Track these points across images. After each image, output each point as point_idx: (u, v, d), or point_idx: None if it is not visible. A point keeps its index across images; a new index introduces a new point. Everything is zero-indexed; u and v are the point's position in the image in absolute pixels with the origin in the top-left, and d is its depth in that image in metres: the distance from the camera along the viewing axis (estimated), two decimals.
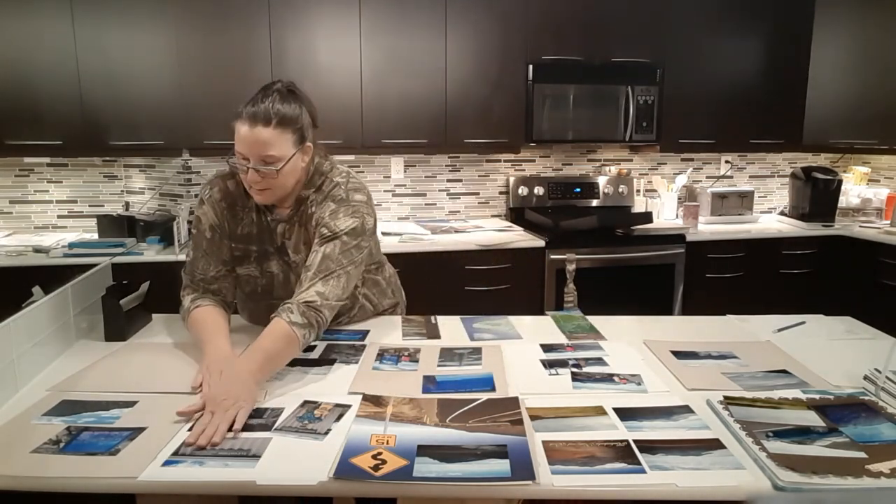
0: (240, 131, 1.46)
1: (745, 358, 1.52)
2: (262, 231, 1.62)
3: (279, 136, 1.47)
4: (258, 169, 1.46)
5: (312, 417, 1.20)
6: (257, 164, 1.46)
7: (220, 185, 1.63)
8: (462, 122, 3.36)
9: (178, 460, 1.05)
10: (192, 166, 3.31)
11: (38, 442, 1.10)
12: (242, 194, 1.60)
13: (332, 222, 1.55)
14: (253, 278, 1.64)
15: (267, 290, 1.65)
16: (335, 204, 1.58)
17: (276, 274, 1.64)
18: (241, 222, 1.62)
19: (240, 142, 1.47)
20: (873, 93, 3.65)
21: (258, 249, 1.63)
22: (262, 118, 1.45)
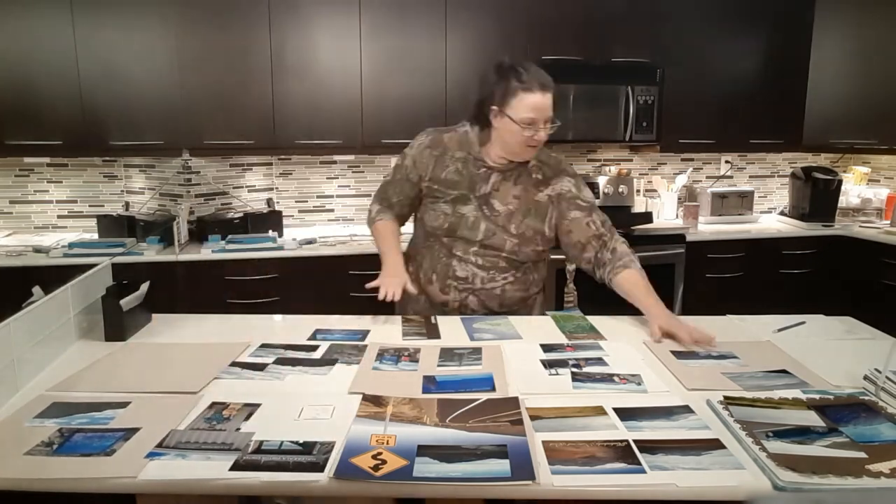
0: (532, 99, 1.71)
1: (745, 358, 1.52)
2: (466, 179, 1.85)
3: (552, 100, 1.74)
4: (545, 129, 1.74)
5: (220, 418, 1.20)
6: (543, 125, 1.73)
7: (434, 136, 1.93)
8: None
9: (162, 452, 1.06)
10: (192, 166, 3.32)
11: (31, 444, 1.09)
12: (455, 147, 1.88)
13: (581, 194, 1.88)
14: (444, 215, 1.87)
15: (453, 227, 1.86)
16: (572, 178, 1.90)
17: (467, 216, 1.85)
18: (447, 168, 1.87)
19: (534, 109, 1.71)
20: (873, 93, 3.65)
21: (457, 194, 1.86)
22: (549, 85, 1.73)
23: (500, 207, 1.84)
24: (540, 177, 1.87)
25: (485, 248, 1.84)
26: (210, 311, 1.90)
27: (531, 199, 1.85)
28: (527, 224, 1.84)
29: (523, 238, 1.84)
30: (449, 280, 1.87)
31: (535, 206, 1.85)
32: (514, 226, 1.84)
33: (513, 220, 1.84)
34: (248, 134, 3.16)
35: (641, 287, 1.77)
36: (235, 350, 1.56)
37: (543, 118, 1.72)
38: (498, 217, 1.84)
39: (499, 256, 1.84)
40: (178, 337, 1.68)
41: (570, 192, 1.86)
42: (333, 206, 3.69)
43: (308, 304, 2.83)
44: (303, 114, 3.19)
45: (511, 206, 1.84)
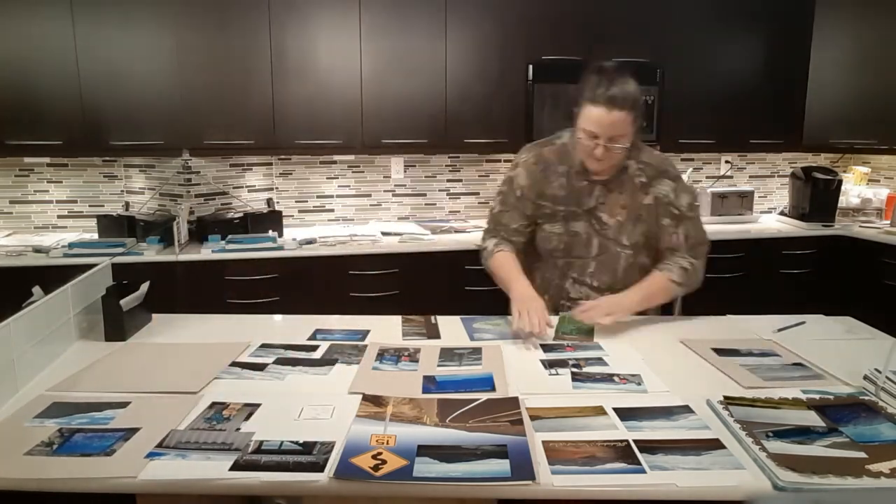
0: (595, 113, 1.63)
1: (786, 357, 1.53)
2: (572, 193, 1.79)
3: (627, 118, 1.64)
4: (607, 146, 1.65)
5: (220, 418, 1.20)
6: (606, 142, 1.65)
7: (535, 151, 1.85)
8: (462, 122, 3.35)
9: (162, 452, 1.07)
10: (192, 166, 3.31)
11: (31, 444, 1.09)
12: (556, 161, 1.81)
13: (677, 200, 1.79)
14: (557, 235, 1.81)
15: (567, 248, 1.82)
16: (672, 181, 1.81)
17: (580, 234, 1.80)
18: (552, 184, 1.81)
19: (594, 123, 1.64)
20: (873, 93, 3.65)
21: (565, 210, 1.80)
22: (620, 102, 1.62)
23: (608, 220, 1.78)
24: (644, 179, 1.79)
25: (602, 265, 1.80)
26: (210, 311, 1.90)
27: (639, 205, 1.79)
28: (639, 231, 1.79)
29: (637, 247, 1.80)
30: (562, 301, 1.85)
31: (644, 210, 1.79)
32: (625, 237, 1.79)
33: (623, 231, 1.79)
34: (248, 134, 3.16)
35: (639, 283, 1.77)
36: (235, 350, 1.56)
37: (606, 135, 1.64)
38: (608, 230, 1.79)
39: (614, 277, 1.80)
40: (178, 337, 1.68)
41: (666, 197, 1.79)
42: (333, 206, 3.69)
43: (308, 304, 2.83)
44: (303, 114, 3.19)
45: (620, 217, 1.78)
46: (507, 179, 1.87)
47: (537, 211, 1.83)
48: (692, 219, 1.81)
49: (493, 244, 1.88)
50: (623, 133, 1.65)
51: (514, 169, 1.86)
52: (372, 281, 3.07)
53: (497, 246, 1.86)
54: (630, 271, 1.81)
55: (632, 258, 1.81)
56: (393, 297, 3.10)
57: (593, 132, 1.65)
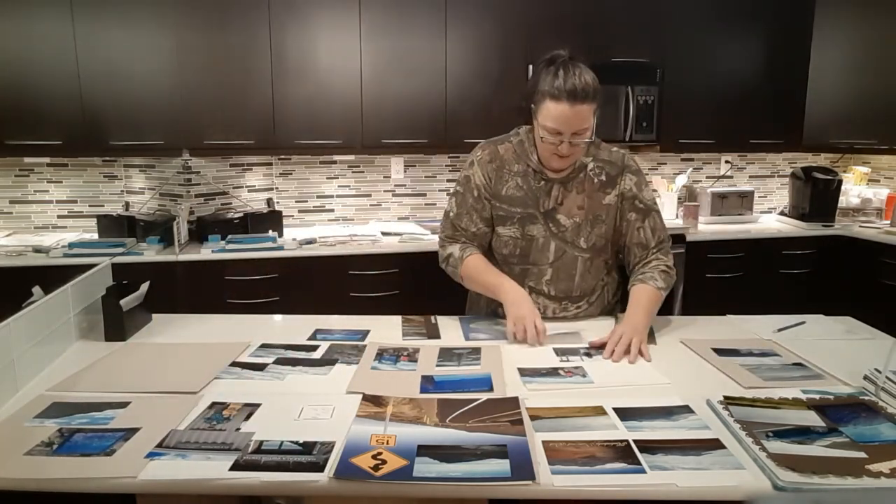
0: (557, 109, 1.54)
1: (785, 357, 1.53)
2: (529, 194, 1.71)
3: (590, 110, 1.58)
4: (571, 142, 1.58)
5: (220, 418, 1.20)
6: (571, 137, 1.57)
7: (490, 149, 1.76)
8: (462, 122, 3.35)
9: (162, 452, 1.07)
10: (192, 166, 3.31)
11: (31, 444, 1.09)
12: (512, 159, 1.73)
13: (641, 194, 1.73)
14: (514, 240, 1.73)
15: (524, 253, 1.73)
16: (634, 175, 1.74)
17: (536, 238, 1.71)
18: (507, 185, 1.72)
19: (557, 119, 1.55)
20: (873, 93, 3.65)
21: (522, 212, 1.71)
22: (581, 95, 1.54)
23: (566, 222, 1.70)
24: (604, 178, 1.72)
25: (557, 272, 1.73)
26: (210, 311, 1.91)
27: (598, 205, 1.71)
28: (596, 234, 1.72)
29: (594, 250, 1.73)
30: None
31: (603, 211, 1.72)
32: (583, 239, 1.71)
33: (581, 233, 1.71)
34: (248, 134, 3.16)
35: (636, 299, 1.67)
36: (235, 350, 1.56)
37: (571, 130, 1.57)
38: (566, 233, 1.70)
39: (571, 284, 1.74)
40: (178, 337, 1.68)
41: (630, 192, 1.73)
42: (333, 206, 3.69)
43: (308, 304, 2.83)
44: (303, 114, 3.19)
45: (577, 219, 1.70)
46: (464, 179, 1.77)
47: (493, 213, 1.74)
48: (657, 212, 1.77)
49: (459, 249, 1.75)
50: (587, 126, 1.58)
51: (469, 168, 1.76)
52: (372, 281, 3.07)
53: (464, 251, 1.75)
54: (586, 277, 1.75)
55: (589, 262, 1.73)
56: (393, 297, 3.10)
57: (556, 129, 1.57)
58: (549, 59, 1.61)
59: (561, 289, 1.75)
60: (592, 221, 1.72)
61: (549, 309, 1.76)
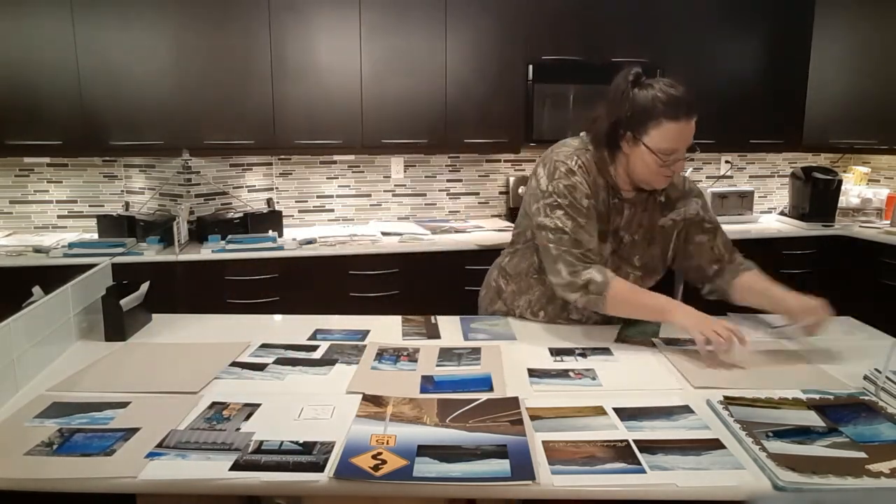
0: (675, 129, 1.51)
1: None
2: (604, 211, 1.65)
3: None
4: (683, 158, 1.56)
5: (220, 418, 1.20)
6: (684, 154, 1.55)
7: (584, 158, 1.63)
8: (462, 122, 3.36)
9: (162, 452, 1.07)
10: (192, 166, 3.31)
11: (31, 444, 1.09)
12: (595, 171, 1.63)
13: (707, 215, 1.75)
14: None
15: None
16: (698, 198, 1.76)
17: (605, 258, 1.66)
18: (598, 199, 1.64)
19: (676, 139, 1.52)
20: (873, 93, 3.65)
21: (601, 228, 1.65)
22: (694, 107, 1.54)
23: (626, 238, 1.68)
24: (663, 199, 1.70)
25: None
26: (210, 311, 1.90)
27: (655, 226, 1.69)
28: (651, 254, 1.69)
29: (646, 269, 1.71)
30: (560, 320, 1.75)
31: (659, 232, 1.70)
32: (637, 257, 1.69)
33: (636, 251, 1.68)
34: (248, 134, 3.16)
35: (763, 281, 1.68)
36: (235, 350, 1.56)
37: (686, 145, 1.55)
38: (623, 249, 1.67)
39: None
40: (178, 337, 1.68)
41: (697, 216, 1.72)
42: (333, 206, 3.69)
43: (308, 304, 2.83)
44: (303, 114, 3.19)
45: (635, 236, 1.67)
46: (566, 189, 1.59)
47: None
48: (721, 229, 1.78)
49: (598, 271, 1.54)
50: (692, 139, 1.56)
51: (568, 176, 1.60)
52: (372, 281, 3.07)
53: (604, 273, 1.55)
54: None
55: (639, 281, 1.70)
56: (393, 297, 3.10)
57: (674, 148, 1.52)
58: (635, 79, 1.56)
59: None
60: (648, 240, 1.70)
61: (593, 318, 1.73)
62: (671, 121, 1.51)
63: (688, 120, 1.52)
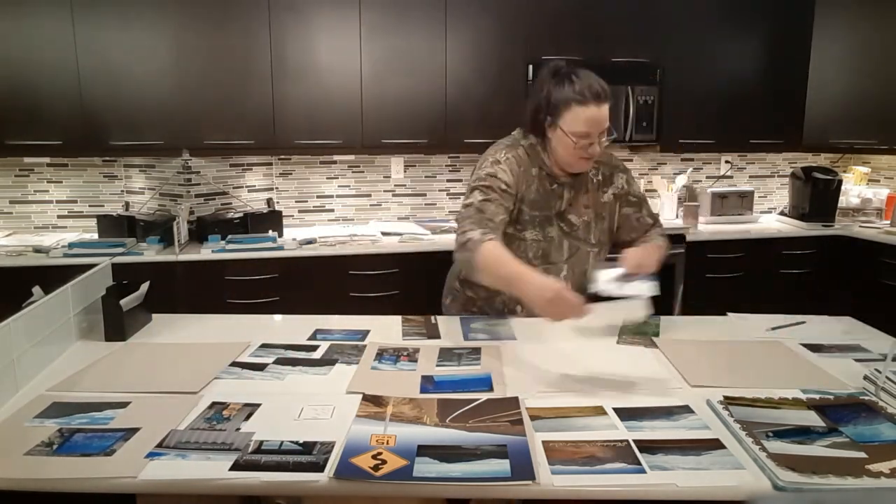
0: (587, 113, 1.62)
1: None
2: (544, 197, 1.76)
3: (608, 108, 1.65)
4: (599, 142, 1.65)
5: (220, 418, 1.20)
6: (598, 138, 1.65)
7: (514, 153, 1.76)
8: (462, 122, 3.35)
9: (162, 452, 1.07)
10: (192, 166, 3.31)
11: (31, 444, 1.09)
12: (528, 162, 1.75)
13: (632, 188, 1.85)
14: (537, 242, 1.77)
15: (546, 253, 1.78)
16: (624, 173, 1.86)
17: (554, 238, 1.78)
18: (530, 188, 1.75)
19: (587, 122, 1.62)
20: (873, 93, 3.65)
21: (540, 215, 1.76)
22: (604, 95, 1.63)
23: (576, 221, 1.79)
24: (600, 178, 1.82)
25: (572, 269, 1.79)
26: (210, 311, 1.90)
27: (599, 203, 1.81)
28: (600, 229, 1.82)
29: (601, 244, 1.83)
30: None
31: (603, 209, 1.82)
32: (592, 236, 1.81)
33: (591, 230, 1.81)
34: (248, 134, 3.16)
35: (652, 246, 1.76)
36: (235, 350, 1.56)
37: (599, 130, 1.64)
38: (577, 231, 1.79)
39: (584, 279, 1.77)
40: (178, 337, 1.68)
41: (623, 189, 1.84)
42: (333, 206, 3.69)
43: (308, 304, 2.83)
44: (303, 114, 3.19)
45: (586, 217, 1.80)
46: (486, 176, 1.70)
47: (518, 215, 1.75)
48: (646, 201, 1.89)
49: (479, 233, 1.58)
50: (608, 124, 1.66)
51: (493, 166, 1.72)
52: (372, 281, 3.07)
53: (485, 235, 1.58)
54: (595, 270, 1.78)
55: (598, 255, 1.83)
56: (393, 297, 3.10)
57: (587, 131, 1.63)
58: (554, 71, 1.68)
59: (576, 283, 1.78)
60: (597, 218, 1.81)
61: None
62: (580, 105, 1.61)
63: (597, 105, 1.62)
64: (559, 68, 1.68)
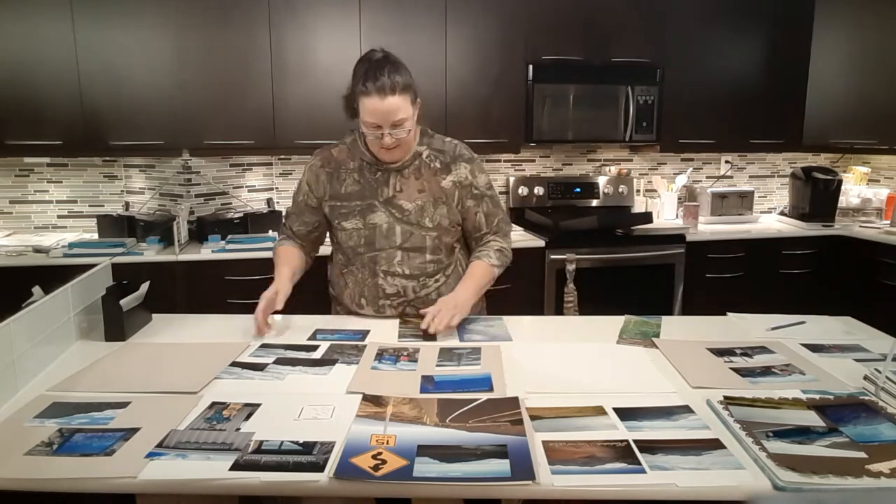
0: (370, 104, 1.64)
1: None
2: (366, 187, 1.79)
3: (404, 101, 1.66)
4: (392, 134, 1.66)
5: (220, 418, 1.20)
6: (390, 129, 1.65)
7: (323, 154, 1.86)
8: (462, 122, 3.35)
9: (162, 452, 1.07)
10: (192, 166, 3.31)
11: (31, 444, 1.09)
12: (346, 158, 1.83)
13: (475, 181, 1.84)
14: (357, 231, 1.80)
15: (370, 241, 1.80)
16: (468, 164, 1.85)
17: (380, 225, 1.79)
18: (345, 183, 1.81)
19: (372, 114, 1.64)
20: (873, 93, 3.65)
21: (361, 204, 1.79)
22: (389, 89, 1.63)
23: (408, 206, 1.78)
24: (438, 165, 1.82)
25: (407, 252, 1.79)
26: (210, 311, 1.90)
27: (437, 188, 1.80)
28: (440, 214, 1.80)
29: (441, 228, 1.80)
30: (381, 300, 1.82)
31: (442, 194, 1.80)
32: (427, 219, 1.79)
33: (425, 214, 1.79)
34: (248, 134, 3.16)
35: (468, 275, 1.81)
36: (235, 350, 1.56)
37: (388, 122, 1.65)
38: (410, 215, 1.78)
39: (423, 259, 1.80)
40: (178, 337, 1.68)
41: (466, 179, 1.82)
42: None
43: (308, 304, 2.83)
44: (303, 114, 3.19)
45: (419, 201, 1.79)
46: (298, 184, 1.90)
47: (332, 213, 1.82)
48: (491, 197, 1.87)
49: (279, 240, 1.95)
50: (404, 117, 1.66)
51: (303, 174, 1.88)
52: None
53: (280, 242, 1.93)
54: (437, 252, 1.82)
55: (437, 239, 1.81)
56: None
57: (375, 123, 1.65)
58: (361, 59, 1.71)
59: (415, 266, 1.80)
60: (434, 203, 1.80)
61: (409, 289, 1.80)
62: (365, 96, 1.64)
63: (381, 97, 1.62)
64: (366, 57, 1.70)
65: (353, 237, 1.80)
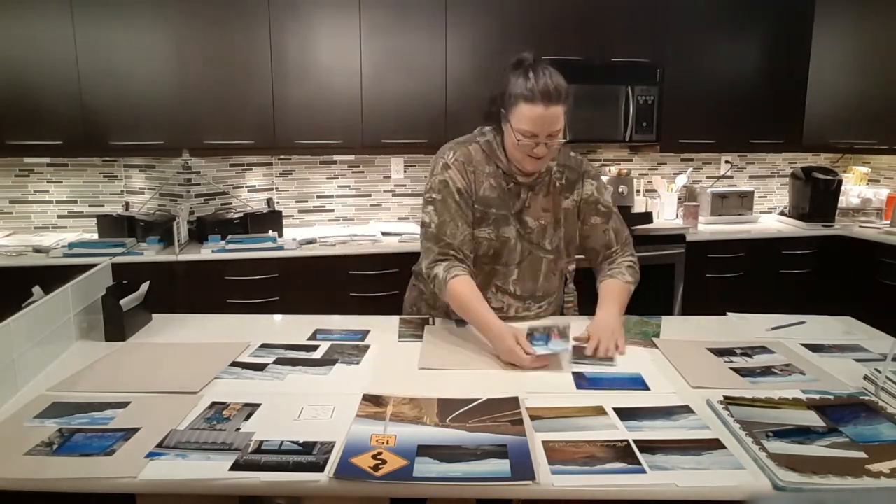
0: (533, 112, 1.54)
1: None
2: (502, 195, 1.70)
3: (563, 111, 1.58)
4: (547, 143, 1.57)
5: (220, 418, 1.20)
6: (546, 139, 1.57)
7: (462, 150, 1.71)
8: (462, 122, 3.33)
9: (162, 452, 1.07)
10: (192, 166, 3.31)
11: (31, 444, 1.09)
12: (482, 160, 1.70)
13: (602, 197, 1.78)
14: (488, 241, 1.70)
15: (497, 254, 1.71)
16: (594, 180, 1.78)
17: (509, 239, 1.71)
18: (483, 185, 1.69)
19: (533, 122, 1.55)
20: (873, 93, 3.65)
21: (496, 213, 1.70)
22: (555, 96, 1.55)
23: (532, 224, 1.72)
24: (563, 182, 1.74)
25: (523, 272, 1.73)
26: (210, 311, 1.91)
27: (559, 209, 1.74)
28: (559, 236, 1.75)
29: (557, 251, 1.75)
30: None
31: (564, 214, 1.75)
32: (547, 241, 1.73)
33: (546, 235, 1.73)
34: (248, 134, 3.16)
35: (608, 293, 1.71)
36: (235, 350, 1.56)
37: (546, 132, 1.56)
38: (532, 234, 1.72)
39: (536, 283, 1.75)
40: (178, 337, 1.68)
41: (592, 196, 1.76)
42: (333, 206, 3.69)
43: (308, 304, 2.83)
44: (303, 114, 3.19)
45: (542, 221, 1.72)
46: (439, 184, 1.68)
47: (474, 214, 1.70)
48: (617, 214, 1.81)
49: (444, 270, 1.62)
50: (560, 127, 1.58)
51: (444, 171, 1.69)
52: (372, 281, 3.07)
53: (449, 271, 1.61)
54: (549, 277, 1.77)
55: (552, 263, 1.76)
56: (393, 297, 3.09)
57: (532, 131, 1.55)
58: (517, 63, 1.61)
59: (526, 289, 1.75)
60: (555, 224, 1.74)
61: (512, 308, 1.75)
62: (527, 103, 1.54)
63: (545, 107, 1.54)
64: (522, 60, 1.60)
65: (482, 246, 1.70)
